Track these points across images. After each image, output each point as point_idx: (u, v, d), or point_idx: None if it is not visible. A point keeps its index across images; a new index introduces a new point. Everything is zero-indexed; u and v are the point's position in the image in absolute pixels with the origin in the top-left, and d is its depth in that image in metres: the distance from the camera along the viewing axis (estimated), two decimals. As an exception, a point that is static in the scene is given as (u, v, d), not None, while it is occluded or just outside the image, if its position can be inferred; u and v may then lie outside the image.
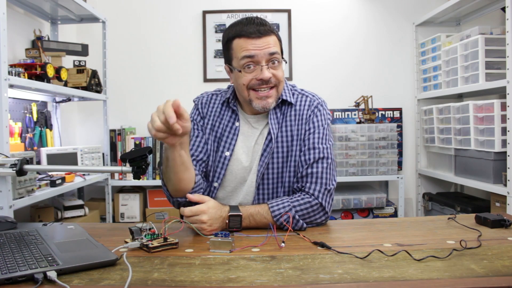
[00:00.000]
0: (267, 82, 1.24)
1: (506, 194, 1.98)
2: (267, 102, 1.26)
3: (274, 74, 1.24)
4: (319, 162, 1.27)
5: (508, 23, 1.91)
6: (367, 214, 2.80)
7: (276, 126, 1.32)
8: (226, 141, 1.34)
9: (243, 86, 1.25)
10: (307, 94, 1.39)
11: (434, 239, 1.04)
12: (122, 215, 2.87)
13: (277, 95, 1.29)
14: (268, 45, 1.23)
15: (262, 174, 1.31)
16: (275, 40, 1.26)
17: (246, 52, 1.22)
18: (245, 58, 1.22)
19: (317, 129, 1.32)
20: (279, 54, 1.26)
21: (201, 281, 0.79)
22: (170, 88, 3.06)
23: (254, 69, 1.23)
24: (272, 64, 1.24)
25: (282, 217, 1.17)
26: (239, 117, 1.36)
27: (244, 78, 1.24)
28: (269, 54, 1.22)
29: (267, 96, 1.25)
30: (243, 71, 1.24)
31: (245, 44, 1.22)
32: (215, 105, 1.40)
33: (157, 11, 3.07)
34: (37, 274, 0.77)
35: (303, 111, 1.34)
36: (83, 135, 3.08)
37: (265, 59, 1.22)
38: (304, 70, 3.08)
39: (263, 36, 1.22)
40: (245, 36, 1.22)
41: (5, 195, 1.58)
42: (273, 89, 1.26)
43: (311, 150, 1.28)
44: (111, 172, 2.67)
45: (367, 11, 3.10)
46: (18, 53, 2.29)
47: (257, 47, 1.21)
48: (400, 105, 3.07)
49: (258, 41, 1.22)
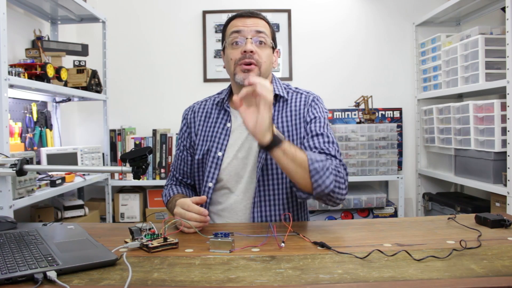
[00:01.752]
0: (250, 56, 1.27)
1: (506, 194, 1.98)
2: (248, 75, 1.27)
3: (257, 52, 1.28)
4: (329, 146, 1.27)
5: (508, 23, 1.92)
6: (367, 214, 2.80)
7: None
8: (218, 142, 1.37)
9: (231, 61, 1.31)
10: (302, 91, 1.41)
11: (434, 239, 1.04)
12: (122, 215, 2.87)
13: (260, 74, 1.30)
14: (256, 24, 1.30)
15: (261, 170, 1.31)
16: (264, 24, 1.33)
17: (235, 27, 1.30)
18: (233, 34, 1.30)
19: (318, 119, 1.33)
20: (266, 36, 1.31)
21: (201, 281, 0.79)
22: (170, 88, 3.07)
23: (241, 45, 1.29)
24: (259, 43, 1.29)
25: (317, 161, 1.13)
26: (231, 117, 1.39)
27: (232, 54, 1.30)
28: (256, 31, 1.29)
29: (249, 69, 1.28)
30: (231, 47, 1.30)
31: (235, 22, 1.32)
32: (205, 108, 1.45)
33: (157, 11, 3.07)
34: (37, 274, 0.77)
35: (299, 107, 1.36)
36: (83, 135, 3.08)
37: (250, 34, 1.28)
38: (304, 70, 3.08)
39: (253, 17, 1.31)
40: (237, 17, 1.33)
41: (5, 195, 1.58)
42: (256, 66, 1.28)
43: (317, 136, 1.30)
44: (111, 172, 2.67)
45: (367, 11, 3.10)
46: (18, 53, 2.29)
47: (245, 24, 1.30)
48: (400, 105, 3.07)
49: (247, 20, 1.30)
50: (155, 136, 2.83)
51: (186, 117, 1.48)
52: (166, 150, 2.82)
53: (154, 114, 3.05)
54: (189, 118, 1.47)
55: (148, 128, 2.94)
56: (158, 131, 2.84)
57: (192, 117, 1.46)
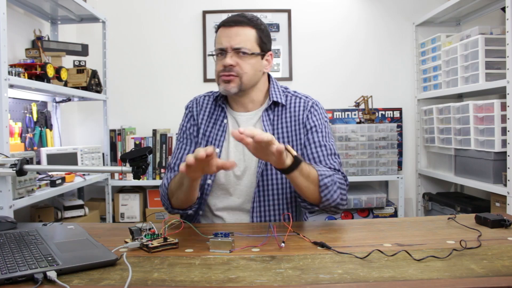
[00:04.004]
0: (229, 69, 1.29)
1: (506, 194, 1.98)
2: (227, 86, 1.31)
3: (239, 64, 1.30)
4: (330, 158, 1.31)
5: (508, 23, 1.91)
6: (367, 214, 2.80)
7: (271, 127, 1.35)
8: (216, 138, 1.37)
9: (216, 72, 1.34)
10: (300, 95, 1.41)
11: (434, 239, 1.04)
12: (122, 215, 2.87)
13: (241, 84, 1.31)
14: (237, 37, 1.29)
15: (261, 174, 1.31)
16: (248, 32, 1.31)
17: (218, 44, 1.32)
18: (217, 50, 1.33)
19: (319, 127, 1.35)
20: (246, 49, 1.30)
21: (201, 281, 0.79)
22: (170, 88, 3.07)
23: (224, 58, 1.31)
24: (242, 54, 1.30)
25: (327, 178, 1.19)
26: (227, 115, 1.40)
27: (216, 65, 1.34)
28: (236, 44, 1.30)
29: (229, 81, 1.31)
30: (216, 58, 1.34)
31: (220, 33, 1.33)
32: (207, 104, 1.45)
33: (157, 11, 3.07)
34: (37, 274, 0.77)
35: (298, 113, 1.37)
36: (83, 135, 3.08)
37: (230, 50, 1.30)
38: (304, 70, 3.08)
39: (235, 25, 1.30)
40: (223, 26, 1.33)
41: (5, 195, 1.58)
42: (236, 77, 1.30)
43: (320, 147, 1.32)
44: (111, 172, 2.67)
45: (367, 11, 3.10)
46: (18, 53, 2.29)
47: (225, 38, 1.30)
48: (400, 105, 3.07)
49: (229, 31, 1.30)
50: (155, 136, 2.83)
51: (191, 109, 1.45)
52: (166, 150, 2.82)
53: (154, 114, 3.05)
54: (193, 111, 1.45)
55: (148, 128, 2.94)
56: (158, 131, 2.84)
57: (196, 109, 1.45)
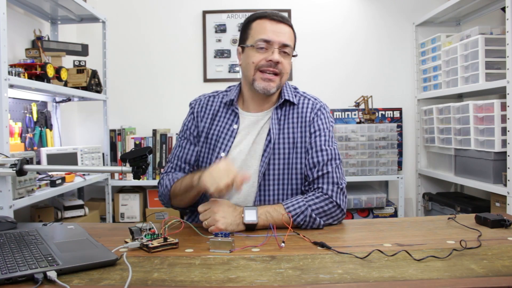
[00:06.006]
0: (275, 65, 1.27)
1: (506, 194, 1.98)
2: (269, 85, 1.28)
3: (282, 62, 1.28)
4: (329, 164, 1.29)
5: (508, 23, 1.91)
6: (367, 214, 2.80)
7: (277, 126, 1.33)
8: (223, 143, 1.35)
9: (252, 64, 1.29)
10: (309, 97, 1.41)
11: (434, 239, 1.04)
12: (122, 215, 2.87)
13: (280, 84, 1.31)
14: (285, 34, 1.29)
15: (263, 174, 1.31)
16: (291, 33, 1.32)
17: (265, 35, 1.27)
18: (261, 40, 1.27)
19: (322, 131, 1.34)
20: (291, 48, 1.31)
21: (201, 281, 0.79)
22: (170, 88, 3.07)
23: (266, 51, 1.28)
24: (284, 53, 1.29)
25: (298, 216, 1.18)
26: (239, 119, 1.36)
27: (255, 57, 1.28)
28: (283, 45, 1.28)
29: (271, 79, 1.28)
30: (255, 50, 1.28)
31: (265, 24, 1.28)
32: (212, 106, 1.41)
33: (157, 11, 3.07)
34: (37, 274, 0.77)
35: (305, 114, 1.36)
36: (83, 135, 3.08)
37: (278, 45, 1.27)
38: (304, 70, 3.08)
39: (282, 23, 1.30)
40: (267, 18, 1.29)
41: (5, 195, 1.57)
42: (277, 76, 1.29)
43: (320, 152, 1.31)
44: (111, 172, 2.67)
45: (367, 11, 3.10)
46: (18, 53, 2.29)
47: (274, 33, 1.27)
48: (400, 105, 3.07)
49: (277, 26, 1.28)
50: (155, 136, 2.83)
51: (193, 110, 1.43)
52: (166, 150, 2.82)
53: (154, 114, 3.05)
54: (195, 112, 1.42)
55: (148, 128, 2.94)
56: (158, 131, 2.84)
57: (199, 110, 1.41)
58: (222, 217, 1.12)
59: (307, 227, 1.19)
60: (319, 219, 1.20)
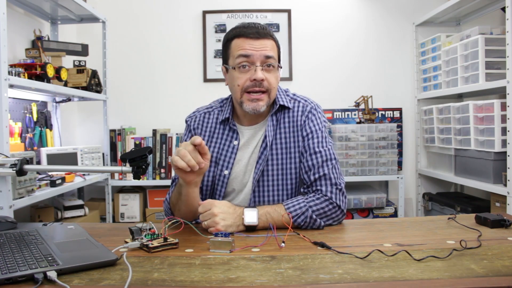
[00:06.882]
0: (260, 84, 1.24)
1: (506, 194, 1.98)
2: (257, 105, 1.25)
3: (267, 78, 1.25)
4: (325, 165, 1.27)
5: (508, 23, 1.91)
6: (367, 214, 2.80)
7: (272, 133, 1.33)
8: (225, 160, 1.34)
9: (238, 87, 1.26)
10: (299, 99, 1.38)
11: (434, 239, 1.04)
12: (122, 215, 2.87)
13: (269, 100, 1.28)
14: (265, 47, 1.24)
15: (257, 181, 1.31)
16: (272, 45, 1.27)
17: (243, 51, 1.23)
18: (241, 57, 1.24)
19: (315, 133, 1.32)
20: (274, 60, 1.26)
21: (201, 281, 0.79)
22: (170, 88, 3.06)
23: (249, 69, 1.24)
24: (267, 67, 1.25)
25: (299, 217, 1.17)
26: (239, 135, 1.35)
27: (239, 80, 1.25)
28: (265, 57, 1.24)
29: (259, 99, 1.25)
30: (238, 70, 1.25)
31: (242, 43, 1.24)
32: (209, 123, 1.39)
33: (157, 11, 3.07)
34: (37, 274, 0.77)
35: (297, 117, 1.34)
36: (83, 135, 3.08)
37: (260, 60, 1.23)
38: (304, 70, 3.08)
39: (261, 38, 1.24)
40: (244, 36, 1.25)
41: (5, 195, 1.58)
42: (265, 94, 1.26)
43: (314, 154, 1.29)
44: (111, 172, 2.67)
45: (367, 11, 3.10)
46: (18, 53, 2.29)
47: (253, 47, 1.23)
48: (400, 105, 3.07)
49: (255, 42, 1.24)
50: (155, 136, 2.83)
51: (189, 127, 1.42)
52: (166, 150, 2.82)
53: (154, 114, 3.05)
54: (193, 129, 1.40)
55: (148, 128, 2.94)
56: (158, 131, 2.84)
57: (196, 127, 1.40)
58: (222, 219, 1.11)
59: (307, 228, 1.19)
60: (320, 220, 1.19)
